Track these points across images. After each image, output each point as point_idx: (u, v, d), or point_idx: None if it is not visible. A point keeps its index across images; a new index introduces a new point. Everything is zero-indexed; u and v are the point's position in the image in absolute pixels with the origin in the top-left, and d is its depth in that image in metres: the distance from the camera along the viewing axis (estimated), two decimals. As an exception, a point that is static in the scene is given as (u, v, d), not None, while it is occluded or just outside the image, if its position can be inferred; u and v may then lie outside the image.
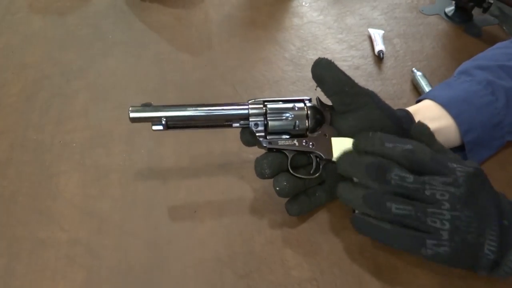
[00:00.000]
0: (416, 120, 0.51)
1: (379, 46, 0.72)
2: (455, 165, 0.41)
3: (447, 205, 0.40)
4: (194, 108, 0.47)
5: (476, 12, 0.78)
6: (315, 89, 0.48)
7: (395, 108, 0.52)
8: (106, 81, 0.67)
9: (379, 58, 0.72)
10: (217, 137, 0.59)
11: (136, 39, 0.74)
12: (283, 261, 0.48)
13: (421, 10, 0.81)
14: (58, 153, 0.57)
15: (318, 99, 0.50)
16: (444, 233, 0.40)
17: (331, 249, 0.49)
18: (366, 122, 0.48)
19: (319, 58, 0.46)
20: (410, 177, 0.40)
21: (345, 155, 0.45)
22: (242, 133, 0.49)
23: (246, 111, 0.47)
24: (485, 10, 0.74)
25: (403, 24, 0.78)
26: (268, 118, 0.47)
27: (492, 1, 0.73)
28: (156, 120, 0.47)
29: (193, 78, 0.68)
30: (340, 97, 0.47)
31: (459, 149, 0.56)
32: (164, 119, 0.47)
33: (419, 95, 0.66)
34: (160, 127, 0.47)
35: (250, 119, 0.48)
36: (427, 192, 0.40)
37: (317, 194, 0.50)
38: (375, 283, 0.47)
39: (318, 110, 0.48)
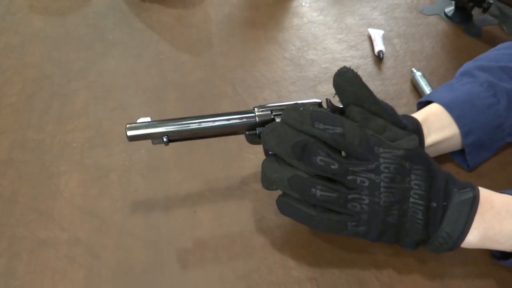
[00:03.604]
0: (424, 131, 0.51)
1: (379, 46, 0.72)
2: (381, 150, 0.41)
3: (366, 191, 0.41)
4: (197, 122, 0.45)
5: (476, 12, 0.78)
6: (333, 97, 0.46)
7: (396, 107, 0.52)
8: (106, 81, 0.67)
9: (379, 58, 0.72)
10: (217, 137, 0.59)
11: (136, 39, 0.74)
12: (283, 261, 0.48)
13: (421, 10, 0.81)
14: (58, 153, 0.57)
15: (328, 101, 0.47)
16: (363, 216, 0.41)
17: (331, 249, 0.49)
18: (380, 130, 0.46)
19: (345, 68, 0.44)
20: (335, 164, 0.40)
21: (273, 129, 0.42)
22: (247, 136, 0.48)
23: (253, 120, 0.45)
24: (485, 10, 0.74)
25: (403, 24, 0.78)
26: None
27: (492, 1, 0.73)
28: (156, 137, 0.45)
29: (193, 78, 0.68)
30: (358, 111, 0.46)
31: (460, 152, 0.56)
32: (166, 136, 0.45)
33: (418, 95, 0.66)
34: (162, 143, 0.45)
35: (258, 129, 0.46)
36: (349, 177, 0.40)
37: None
38: (375, 283, 0.47)
39: None
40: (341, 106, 0.47)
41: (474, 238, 0.42)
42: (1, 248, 0.48)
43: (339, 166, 0.40)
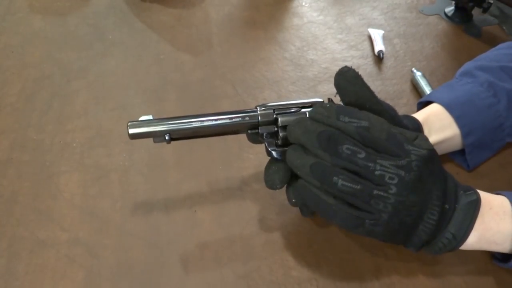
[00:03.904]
0: (425, 131, 0.51)
1: (379, 46, 0.72)
2: (411, 148, 0.40)
3: (394, 190, 0.39)
4: (199, 120, 0.45)
5: (476, 12, 0.78)
6: (335, 96, 0.46)
7: (396, 107, 0.52)
8: (106, 81, 0.67)
9: (379, 58, 0.72)
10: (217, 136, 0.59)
11: (136, 39, 0.74)
12: (283, 261, 0.48)
13: (421, 10, 0.81)
14: (58, 153, 0.57)
15: (330, 101, 0.47)
16: (384, 215, 0.40)
17: (331, 249, 0.49)
18: None
19: (346, 67, 0.43)
20: (362, 153, 0.39)
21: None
22: (249, 136, 0.47)
23: (255, 120, 0.45)
24: (485, 10, 0.74)
25: (403, 24, 0.78)
26: (280, 133, 0.45)
27: (492, 1, 0.73)
28: (158, 135, 0.44)
29: (193, 78, 0.68)
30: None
31: (460, 152, 0.56)
32: (168, 135, 0.44)
33: (418, 95, 0.66)
34: (163, 142, 0.45)
35: (260, 129, 0.45)
36: (377, 173, 0.39)
37: None
38: (375, 283, 0.47)
39: None
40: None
41: (472, 238, 0.42)
42: (1, 248, 0.48)
43: (366, 156, 0.39)
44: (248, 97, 0.65)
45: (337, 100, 0.46)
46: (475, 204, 0.42)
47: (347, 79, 0.43)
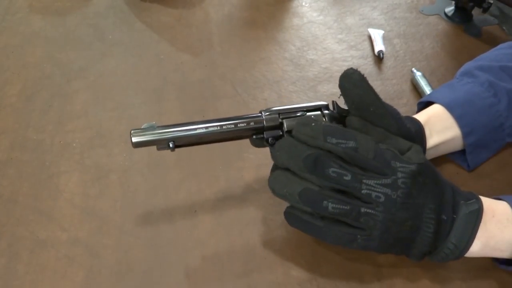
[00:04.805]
0: (426, 133, 0.51)
1: (379, 46, 0.72)
2: (398, 165, 0.40)
3: (381, 208, 0.40)
4: (204, 127, 0.44)
5: (476, 12, 0.78)
6: (338, 97, 0.45)
7: (396, 107, 0.52)
8: (106, 81, 0.67)
9: (379, 58, 0.72)
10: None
11: (136, 39, 0.74)
12: (283, 261, 0.48)
13: (421, 10, 0.81)
14: (58, 153, 0.57)
15: (335, 103, 0.47)
16: (375, 232, 0.40)
17: (331, 249, 0.49)
18: (381, 139, 0.45)
19: (352, 70, 0.43)
20: (348, 175, 0.39)
21: (282, 145, 0.42)
22: (253, 140, 0.47)
23: (261, 125, 0.45)
24: (485, 10, 0.74)
25: (403, 24, 0.78)
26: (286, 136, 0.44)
27: (492, 1, 0.73)
28: (162, 143, 0.44)
29: (193, 78, 0.68)
30: (363, 114, 0.44)
31: (460, 152, 0.56)
32: (172, 142, 0.44)
33: (418, 95, 0.66)
34: (167, 149, 0.44)
35: (266, 133, 0.45)
36: (364, 192, 0.39)
37: None
38: (375, 283, 0.47)
39: (337, 119, 0.46)
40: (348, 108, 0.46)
41: (476, 247, 0.42)
42: (1, 248, 0.48)
43: (352, 177, 0.39)
44: (248, 97, 0.65)
45: (341, 102, 0.46)
46: (477, 214, 0.42)
47: (352, 82, 0.43)
